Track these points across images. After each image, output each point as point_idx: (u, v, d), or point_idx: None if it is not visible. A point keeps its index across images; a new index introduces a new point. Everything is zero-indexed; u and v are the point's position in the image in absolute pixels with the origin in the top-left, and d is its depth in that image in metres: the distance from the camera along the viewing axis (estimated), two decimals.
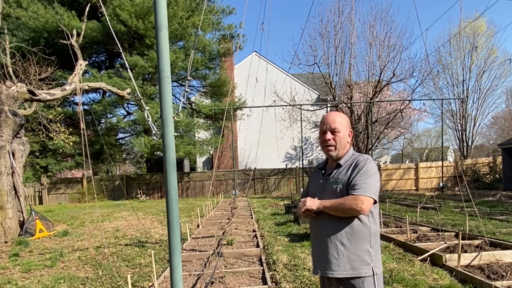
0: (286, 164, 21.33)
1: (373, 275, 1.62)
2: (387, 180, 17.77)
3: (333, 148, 1.74)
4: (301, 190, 15.96)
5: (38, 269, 4.71)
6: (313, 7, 46.75)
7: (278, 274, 3.96)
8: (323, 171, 1.86)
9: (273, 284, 3.69)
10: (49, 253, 5.59)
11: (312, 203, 1.69)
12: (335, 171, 1.75)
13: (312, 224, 1.83)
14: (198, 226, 7.50)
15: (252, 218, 8.40)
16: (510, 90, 27.74)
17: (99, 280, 4.15)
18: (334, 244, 1.65)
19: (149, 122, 1.94)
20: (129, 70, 2.21)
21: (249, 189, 17.88)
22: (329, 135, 1.74)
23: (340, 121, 1.75)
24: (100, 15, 14.37)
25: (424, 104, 21.26)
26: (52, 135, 13.28)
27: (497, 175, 16.34)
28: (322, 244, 1.71)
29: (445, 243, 4.85)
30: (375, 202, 1.64)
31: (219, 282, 3.79)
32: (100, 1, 4.94)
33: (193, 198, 17.02)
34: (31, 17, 13.95)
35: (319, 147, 22.46)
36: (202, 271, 4.13)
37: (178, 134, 16.17)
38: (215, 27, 17.75)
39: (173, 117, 1.70)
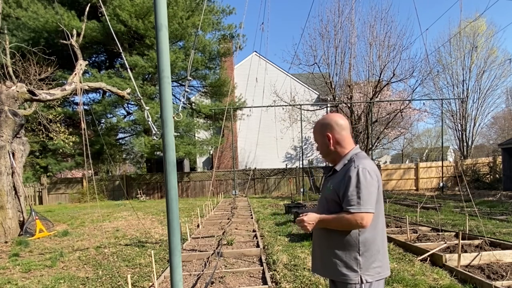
0: (286, 164, 21.33)
1: (360, 283, 1.56)
2: (387, 180, 17.77)
3: (324, 157, 1.81)
4: (301, 190, 15.97)
5: (38, 269, 4.71)
6: (313, 7, 46.76)
7: (278, 274, 3.96)
8: (327, 174, 1.88)
9: (273, 284, 3.69)
10: (49, 253, 5.59)
11: (311, 226, 1.65)
12: (332, 176, 1.73)
13: None
14: (198, 226, 7.50)
15: (252, 218, 8.40)
16: (510, 90, 27.78)
17: (99, 280, 4.15)
18: (322, 248, 1.69)
19: (149, 122, 1.94)
20: (129, 70, 2.21)
21: (249, 189, 17.88)
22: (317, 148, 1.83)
23: (315, 134, 1.78)
24: (100, 15, 14.37)
25: (424, 104, 21.31)
26: (52, 135, 13.27)
27: (497, 175, 16.34)
28: (315, 246, 1.79)
29: (445, 243, 4.85)
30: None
31: (219, 282, 3.79)
32: (100, 1, 4.94)
33: (193, 198, 17.02)
34: (31, 17, 13.95)
35: None
36: (202, 271, 4.13)
37: (178, 134, 16.17)
38: (215, 27, 17.75)
39: (173, 117, 1.70)
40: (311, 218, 1.63)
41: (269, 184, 18.26)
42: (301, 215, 1.67)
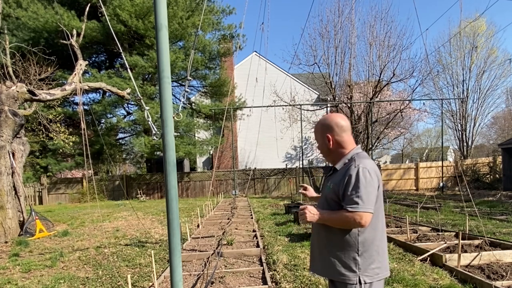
0: (286, 164, 21.33)
1: (359, 283, 1.56)
2: (387, 180, 17.76)
3: (324, 157, 1.83)
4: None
5: (38, 269, 4.71)
6: (313, 7, 46.79)
7: (278, 274, 3.96)
8: (327, 173, 1.90)
9: (273, 284, 3.69)
10: (49, 253, 5.59)
11: (312, 217, 1.61)
12: (333, 175, 1.73)
13: (312, 225, 1.86)
14: (198, 226, 7.49)
15: (252, 218, 8.40)
16: (510, 90, 27.77)
17: (99, 280, 4.15)
18: (321, 248, 1.69)
19: (149, 122, 1.94)
20: (129, 70, 2.21)
21: (249, 189, 17.88)
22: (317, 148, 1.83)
23: (315, 133, 1.79)
24: (100, 15, 14.37)
25: (424, 104, 21.30)
26: (52, 135, 13.28)
27: (497, 175, 16.34)
28: (313, 245, 1.79)
29: (445, 243, 4.85)
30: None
31: (219, 282, 3.79)
32: (100, 1, 4.94)
33: (193, 198, 17.02)
34: (31, 17, 13.95)
35: None
36: (202, 271, 4.13)
37: (178, 134, 16.15)
38: (215, 27, 17.75)
39: (173, 117, 1.70)
40: (313, 209, 1.63)
41: (269, 184, 18.25)
42: (302, 206, 1.67)
